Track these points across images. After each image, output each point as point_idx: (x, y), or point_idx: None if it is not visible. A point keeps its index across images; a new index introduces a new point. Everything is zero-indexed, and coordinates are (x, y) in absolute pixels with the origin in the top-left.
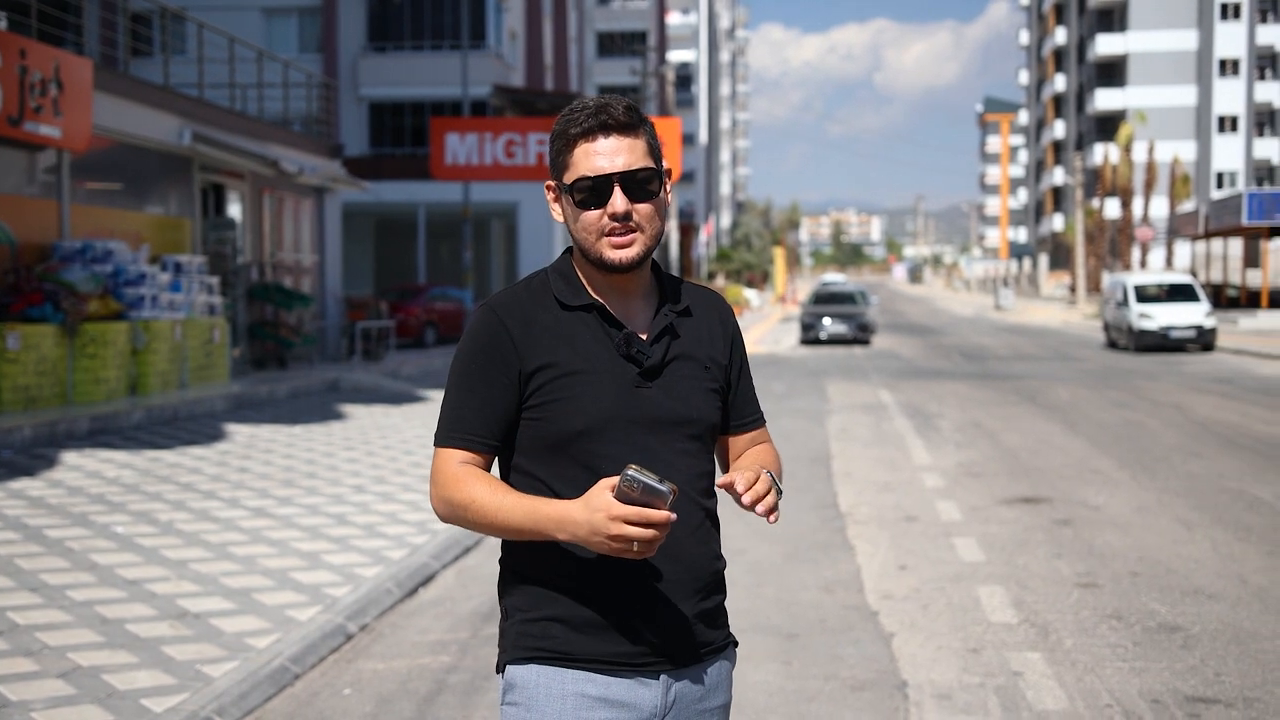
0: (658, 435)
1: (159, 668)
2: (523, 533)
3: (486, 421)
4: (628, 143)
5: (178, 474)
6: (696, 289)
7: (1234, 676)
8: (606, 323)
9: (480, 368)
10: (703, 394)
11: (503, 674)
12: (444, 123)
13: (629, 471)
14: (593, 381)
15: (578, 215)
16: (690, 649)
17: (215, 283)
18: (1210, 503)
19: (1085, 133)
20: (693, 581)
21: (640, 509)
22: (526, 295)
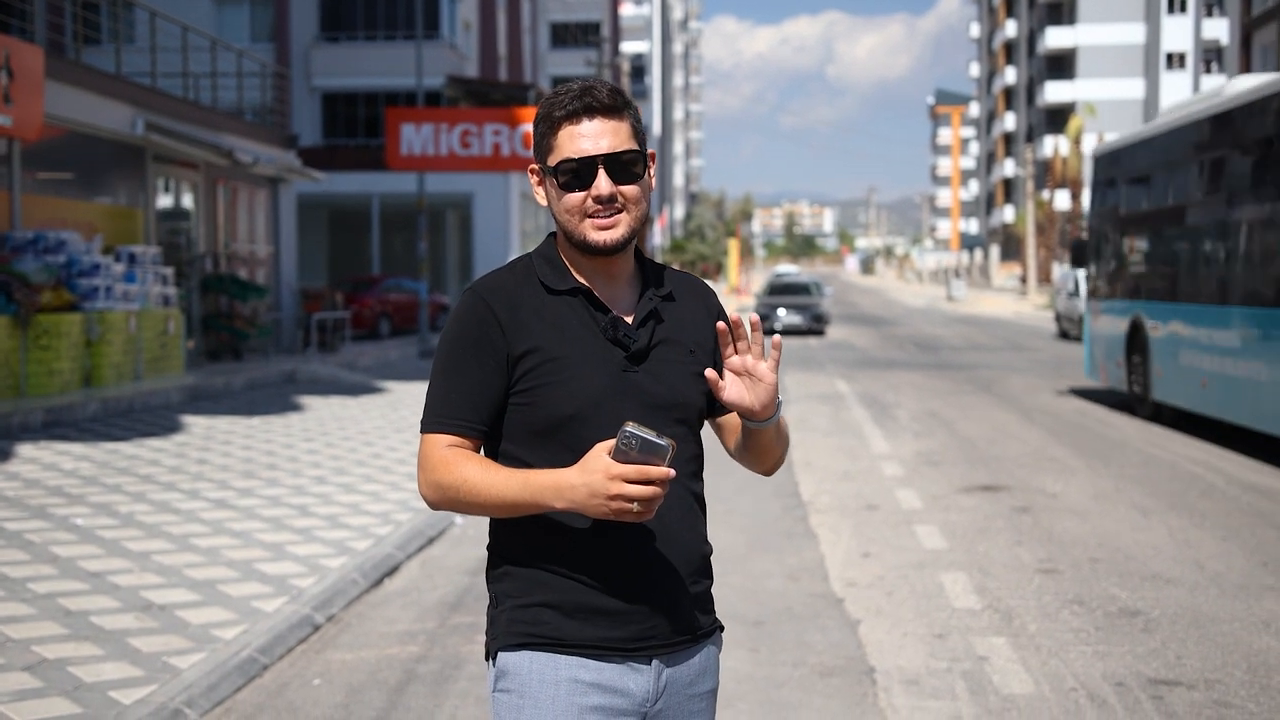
0: (646, 419)
1: (125, 660)
2: (519, 507)
3: (475, 406)
4: (612, 125)
5: (136, 466)
6: (680, 275)
7: (1194, 659)
8: (592, 307)
9: (467, 352)
10: (688, 378)
11: (493, 661)
12: (399, 113)
13: (627, 428)
14: (580, 366)
15: (561, 197)
16: (681, 634)
17: (170, 273)
18: (1165, 490)
19: (1035, 125)
20: (683, 566)
21: (639, 466)
22: (512, 279)
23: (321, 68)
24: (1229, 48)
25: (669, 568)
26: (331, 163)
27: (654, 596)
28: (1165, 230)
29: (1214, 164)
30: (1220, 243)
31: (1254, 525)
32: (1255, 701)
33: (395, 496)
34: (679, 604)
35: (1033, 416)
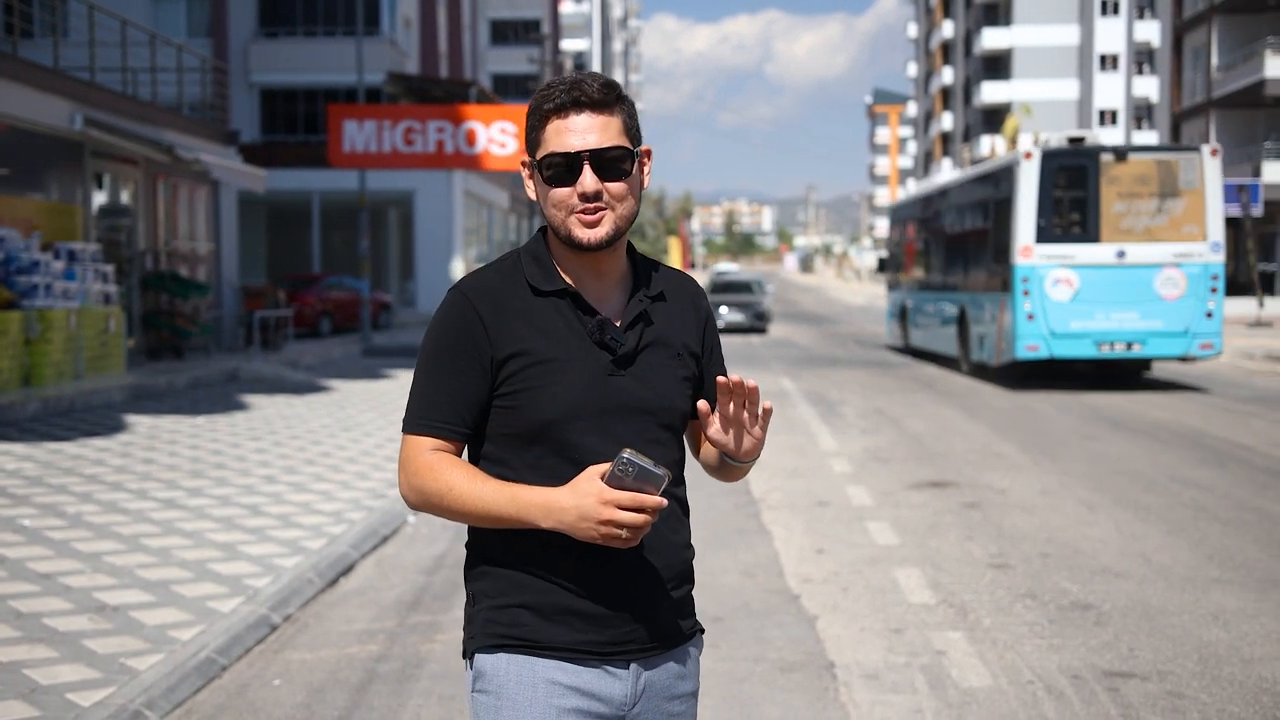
0: (629, 423)
1: (81, 661)
2: (503, 520)
3: (458, 408)
4: (601, 120)
5: (81, 466)
6: (669, 271)
7: (1147, 651)
8: (579, 309)
9: (451, 353)
10: (675, 382)
11: (471, 661)
12: (341, 109)
13: (624, 455)
14: (565, 370)
15: (547, 192)
16: (660, 638)
17: (110, 271)
18: (1110, 485)
19: (972, 124)
20: (665, 570)
21: (633, 494)
22: (498, 279)
23: (260, 63)
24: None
25: (651, 573)
26: (271, 160)
27: (634, 601)
28: (913, 251)
29: (928, 218)
30: (932, 258)
31: (1197, 519)
32: (1208, 692)
33: (347, 495)
34: (659, 609)
35: (977, 413)
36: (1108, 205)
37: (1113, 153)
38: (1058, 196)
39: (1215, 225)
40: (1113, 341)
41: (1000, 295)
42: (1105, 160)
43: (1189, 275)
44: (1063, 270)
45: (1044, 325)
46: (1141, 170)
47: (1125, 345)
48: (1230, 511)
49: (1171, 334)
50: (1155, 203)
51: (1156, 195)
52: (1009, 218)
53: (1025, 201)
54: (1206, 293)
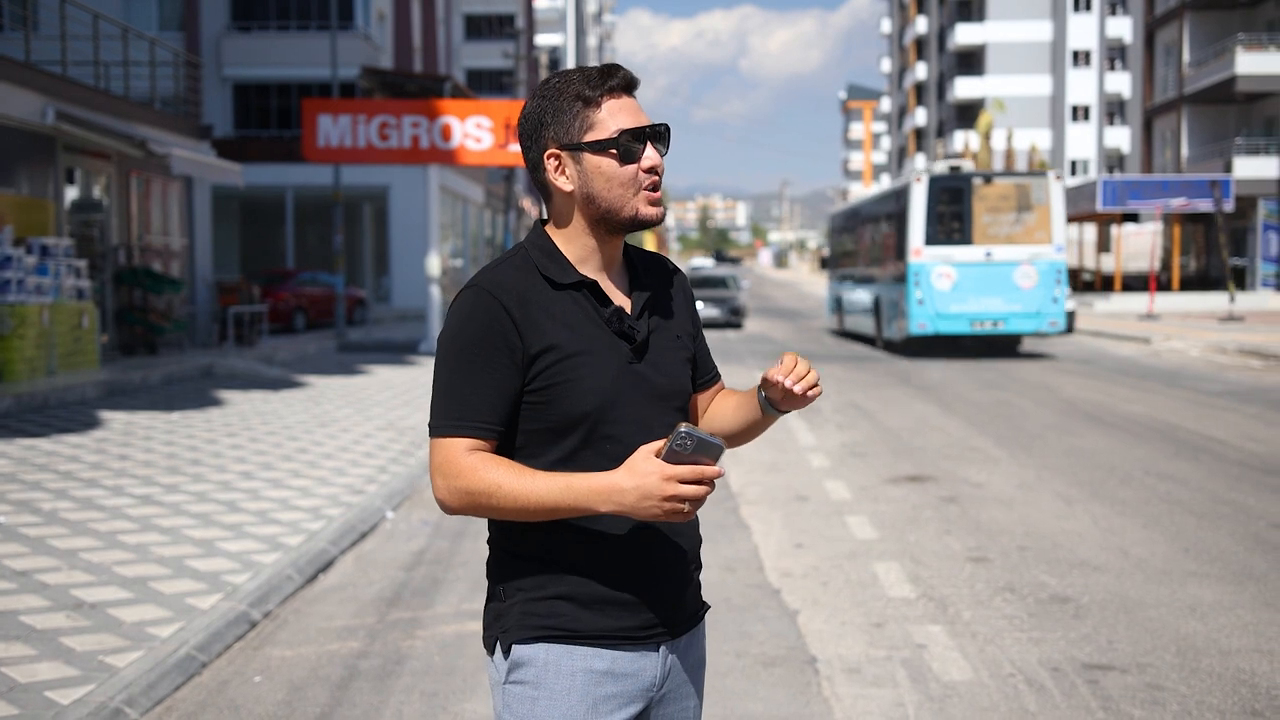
0: (653, 408)
1: (60, 659)
2: (558, 511)
3: (494, 407)
4: (638, 103)
5: (55, 462)
6: (650, 254)
7: (1125, 644)
8: (597, 300)
9: (481, 350)
10: (681, 364)
11: (504, 654)
12: (315, 104)
13: (681, 429)
14: (594, 361)
15: (616, 171)
16: (685, 618)
17: (83, 266)
18: (1086, 479)
19: (946, 120)
20: (690, 553)
21: (694, 467)
22: (515, 274)
23: (232, 58)
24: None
25: (678, 556)
26: (244, 154)
27: (664, 584)
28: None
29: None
30: (856, 258)
31: (1172, 513)
32: (1186, 684)
33: (324, 491)
34: (683, 590)
35: (953, 407)
36: (978, 217)
37: (981, 177)
38: (941, 211)
39: (1059, 233)
40: (982, 320)
41: (900, 286)
42: (976, 183)
43: (1040, 270)
44: (945, 266)
45: (931, 308)
46: (1004, 191)
47: (992, 323)
48: (1205, 505)
49: (1027, 314)
50: (1014, 215)
51: (1015, 210)
52: (905, 226)
53: (916, 214)
54: (1053, 284)
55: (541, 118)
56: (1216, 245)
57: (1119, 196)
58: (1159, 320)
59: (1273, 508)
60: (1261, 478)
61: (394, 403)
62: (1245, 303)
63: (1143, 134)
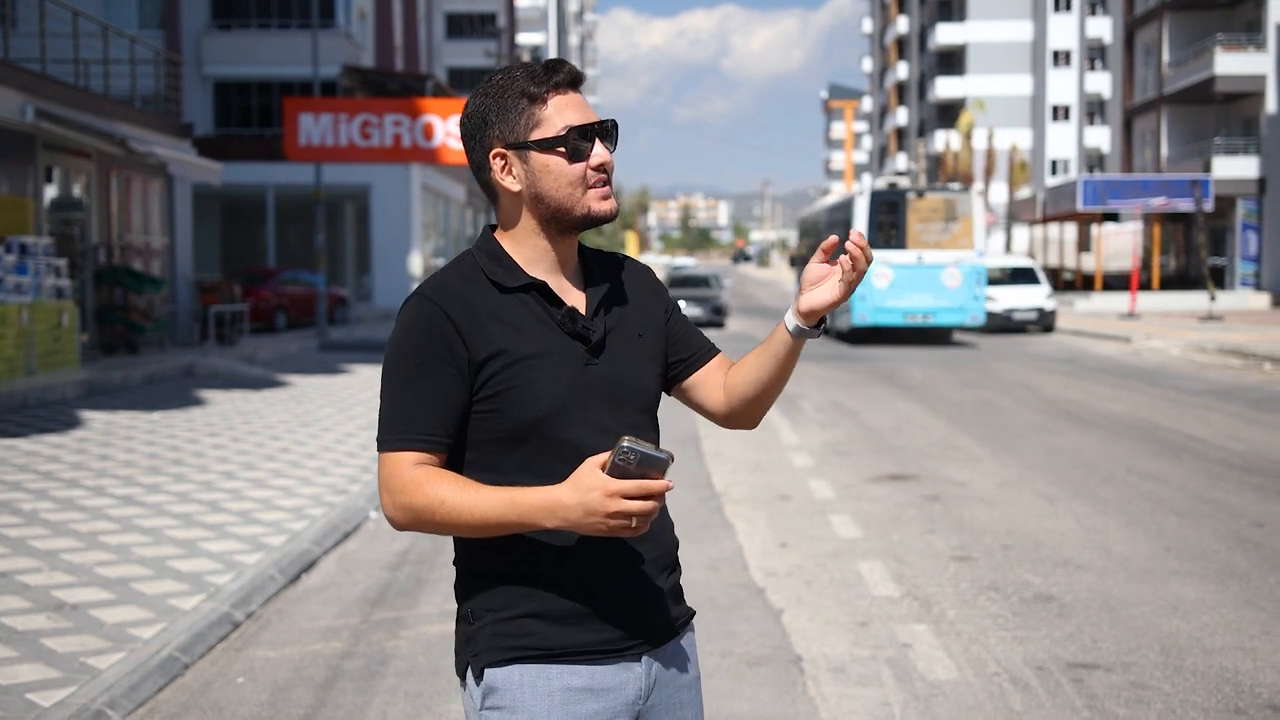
0: (612, 410)
1: (41, 661)
2: (504, 526)
3: (440, 418)
4: (585, 99)
5: (36, 462)
6: (611, 255)
7: (1110, 642)
8: (547, 301)
9: (425, 360)
10: (644, 363)
11: (477, 679)
12: (297, 103)
13: (624, 443)
14: (546, 365)
15: (564, 169)
16: (666, 627)
17: (63, 265)
18: (1068, 477)
19: (927, 120)
20: (662, 558)
21: (639, 481)
22: (461, 281)
23: (213, 56)
24: (1112, 46)
25: (650, 563)
26: (224, 153)
27: (638, 593)
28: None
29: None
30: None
31: (1154, 511)
32: (1170, 683)
33: (307, 491)
34: (661, 597)
35: (934, 406)
36: (912, 226)
37: (915, 192)
38: (880, 219)
39: (980, 240)
40: (915, 314)
41: None
42: (910, 197)
43: (964, 272)
44: (882, 267)
45: (870, 304)
46: (933, 204)
47: (923, 317)
48: (1187, 503)
49: (953, 309)
50: (942, 225)
51: (943, 220)
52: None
53: (859, 222)
54: (975, 284)
55: (486, 116)
56: (1196, 245)
57: (1099, 196)
58: (1139, 319)
59: (1253, 506)
60: (1242, 476)
61: (376, 402)
62: (1224, 302)
63: (1123, 134)
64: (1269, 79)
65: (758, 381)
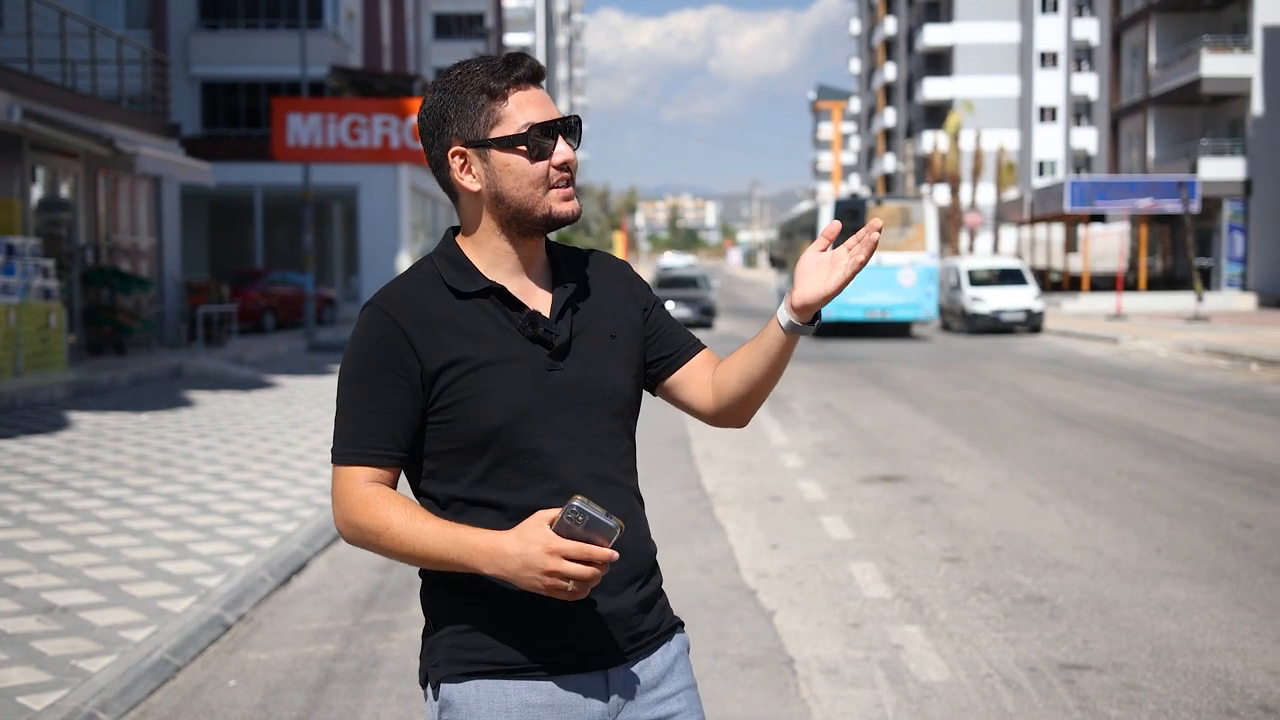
0: (579, 417)
1: (31, 664)
2: (444, 564)
3: (391, 432)
4: (547, 94)
5: (24, 464)
6: (586, 252)
7: (1101, 643)
8: (506, 305)
9: (376, 373)
10: (617, 366)
11: (434, 690)
12: (285, 103)
13: (574, 503)
14: (504, 372)
15: (525, 168)
16: (633, 640)
17: (51, 266)
18: (1058, 478)
19: (915, 121)
20: (629, 570)
21: (582, 545)
22: (415, 288)
23: (200, 56)
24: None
25: (616, 575)
26: (212, 153)
27: (603, 607)
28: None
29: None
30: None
31: (1144, 512)
32: (1162, 684)
33: (297, 493)
34: (628, 610)
35: (924, 407)
36: None
37: (874, 200)
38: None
39: (933, 243)
40: (874, 310)
41: None
42: (870, 205)
43: (918, 272)
44: None
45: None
46: (891, 211)
47: (881, 312)
48: (1176, 504)
49: (909, 305)
50: (899, 230)
51: (899, 225)
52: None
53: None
54: (928, 283)
55: (444, 112)
56: (1183, 246)
57: (1086, 197)
58: (1126, 320)
59: (1243, 507)
60: (1231, 477)
61: None
62: (1211, 303)
63: (1109, 135)
64: (1255, 81)
65: (749, 379)
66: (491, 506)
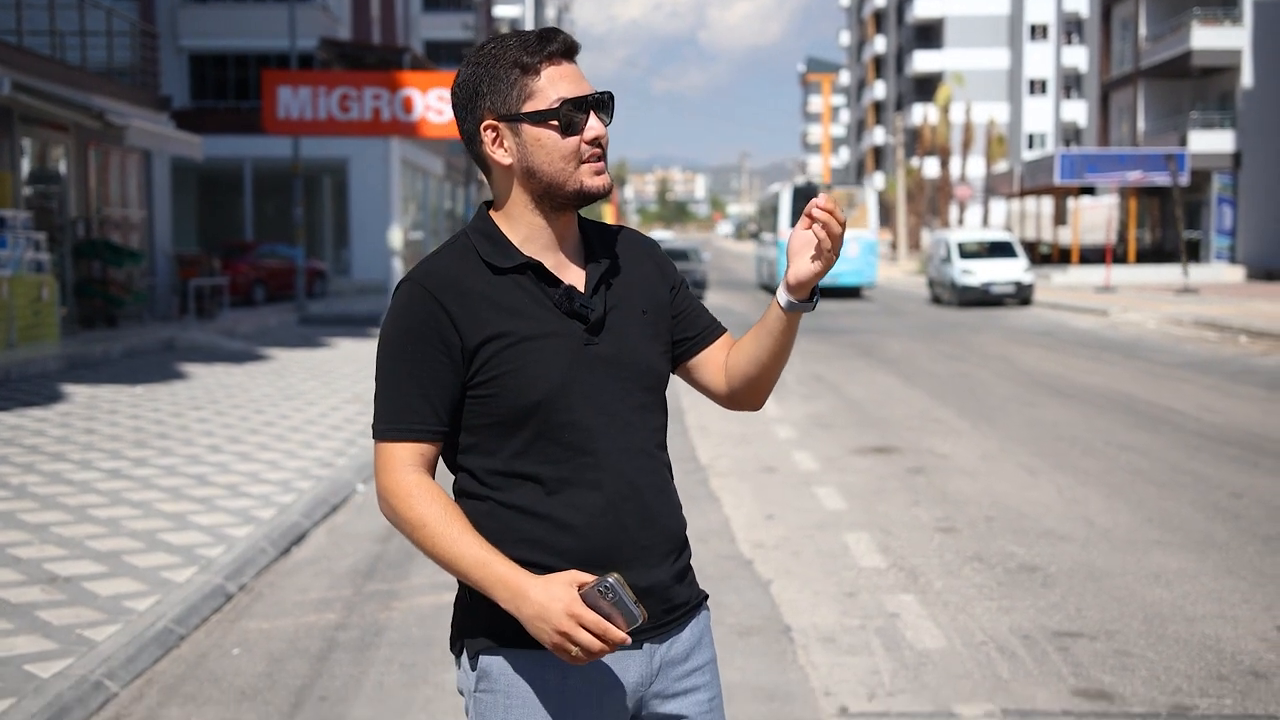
0: (614, 391)
1: (37, 633)
2: (466, 578)
3: (434, 407)
4: (580, 70)
5: (20, 436)
6: (615, 229)
7: (1093, 611)
8: (543, 281)
9: (416, 349)
10: (648, 341)
11: (471, 662)
12: (276, 76)
13: (610, 579)
14: (543, 347)
15: (557, 143)
16: (669, 612)
17: (43, 239)
18: (1049, 449)
19: (905, 93)
20: (665, 543)
21: (601, 620)
22: (453, 263)
23: (188, 28)
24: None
25: (653, 549)
26: (201, 125)
27: (641, 580)
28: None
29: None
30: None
31: (1134, 482)
32: (1154, 650)
33: (294, 465)
34: (664, 583)
35: (914, 379)
36: None
37: (825, 187)
38: (798, 206)
39: (873, 222)
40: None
41: (775, 254)
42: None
43: (861, 246)
44: None
45: None
46: (840, 196)
47: (832, 277)
48: (1166, 475)
49: (855, 273)
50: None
51: (847, 207)
52: (778, 216)
53: (784, 209)
54: (870, 254)
55: (477, 86)
56: (1172, 218)
57: (1076, 170)
58: (1116, 293)
59: (1231, 477)
60: (1219, 448)
61: (359, 375)
62: (1199, 275)
63: (1099, 108)
64: (1245, 53)
65: (757, 361)
66: (530, 479)
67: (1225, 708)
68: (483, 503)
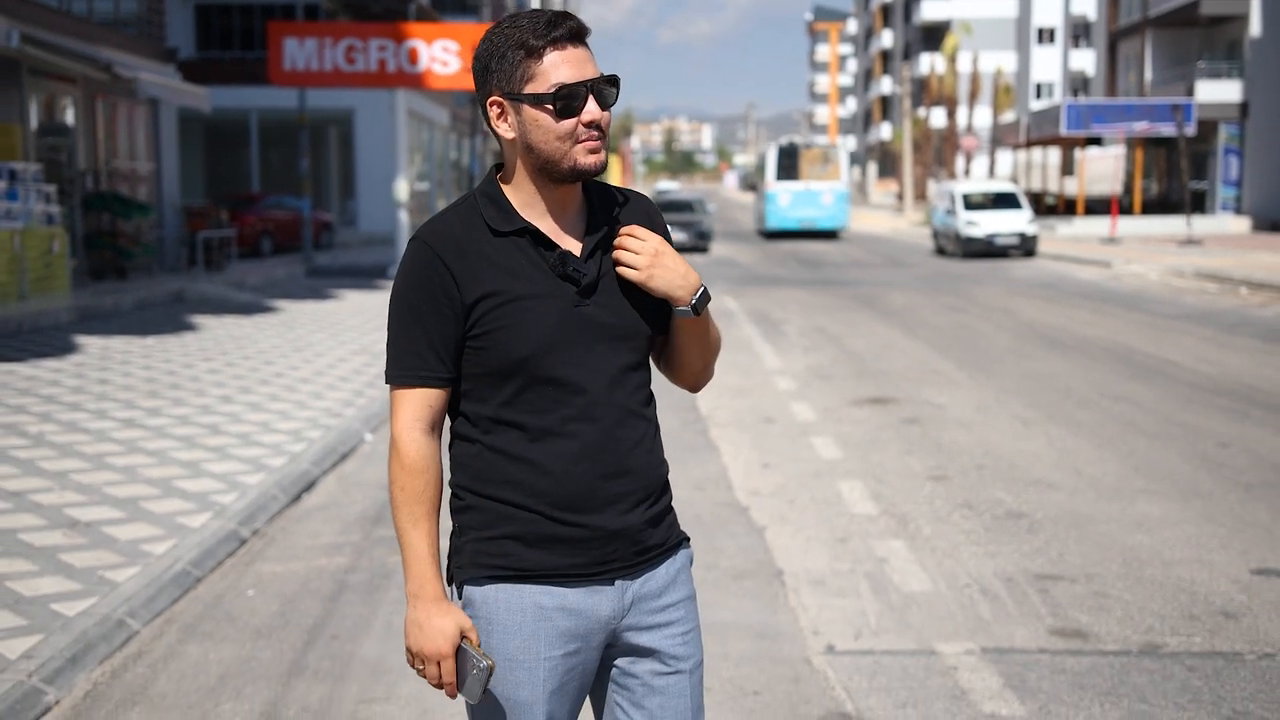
0: (602, 351)
1: (61, 574)
2: (401, 553)
3: (439, 355)
4: (587, 53)
5: (36, 386)
6: (621, 192)
7: (1075, 556)
8: (540, 245)
9: (422, 302)
10: (639, 304)
11: (457, 590)
12: (281, 27)
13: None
14: (534, 306)
15: (552, 124)
16: (641, 553)
17: (53, 191)
18: (1044, 401)
19: (912, 43)
20: (642, 491)
21: (452, 672)
22: (457, 224)
23: None
24: None
25: (630, 495)
26: (207, 77)
27: (615, 524)
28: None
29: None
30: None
31: (1125, 434)
32: (1130, 592)
33: (304, 415)
34: (638, 527)
35: (915, 331)
36: (803, 166)
37: (804, 146)
38: (783, 163)
39: (845, 175)
40: (805, 221)
41: (763, 202)
42: (801, 149)
43: (835, 195)
44: (784, 192)
45: (776, 215)
46: (815, 154)
47: (810, 223)
48: (1157, 425)
49: (828, 218)
50: (821, 165)
51: (822, 163)
52: (765, 171)
53: (770, 164)
54: (842, 202)
55: (488, 63)
56: (1178, 169)
57: (1083, 120)
58: (1120, 244)
59: (1220, 427)
60: (1211, 398)
61: (366, 327)
62: (1204, 226)
63: (1107, 57)
64: (1253, 2)
65: (675, 348)
66: (515, 427)
67: (1195, 645)
68: (473, 445)
